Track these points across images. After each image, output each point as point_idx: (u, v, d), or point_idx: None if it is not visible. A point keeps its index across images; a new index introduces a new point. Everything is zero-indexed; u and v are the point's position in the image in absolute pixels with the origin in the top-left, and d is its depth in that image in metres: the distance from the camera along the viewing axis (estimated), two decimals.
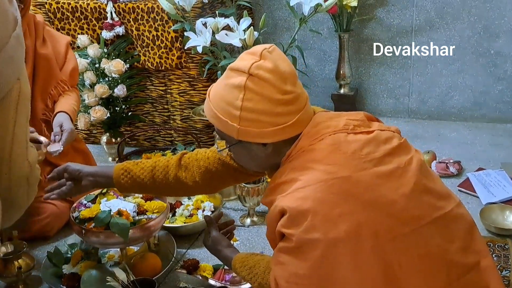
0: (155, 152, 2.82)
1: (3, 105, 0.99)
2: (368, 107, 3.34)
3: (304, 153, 1.29)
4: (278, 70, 1.27)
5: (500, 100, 3.12)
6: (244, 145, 1.34)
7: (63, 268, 1.97)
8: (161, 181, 1.63)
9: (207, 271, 1.92)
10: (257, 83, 1.26)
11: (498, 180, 2.45)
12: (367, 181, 1.22)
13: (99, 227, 1.81)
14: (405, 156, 1.31)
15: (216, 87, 1.35)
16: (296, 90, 1.30)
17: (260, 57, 1.28)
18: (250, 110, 1.27)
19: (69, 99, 2.28)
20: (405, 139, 1.37)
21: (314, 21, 3.15)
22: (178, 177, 1.62)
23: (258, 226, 2.26)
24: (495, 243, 2.05)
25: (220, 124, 1.33)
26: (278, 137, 1.30)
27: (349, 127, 1.31)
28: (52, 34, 2.34)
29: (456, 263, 1.27)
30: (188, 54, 2.77)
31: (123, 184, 1.65)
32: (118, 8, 2.80)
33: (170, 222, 2.20)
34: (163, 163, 1.64)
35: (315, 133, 1.30)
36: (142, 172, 1.63)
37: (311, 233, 1.19)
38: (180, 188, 1.65)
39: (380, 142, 1.30)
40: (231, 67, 1.31)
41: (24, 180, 1.09)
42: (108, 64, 2.76)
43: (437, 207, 1.28)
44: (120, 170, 1.65)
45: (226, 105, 1.29)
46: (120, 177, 1.64)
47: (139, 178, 1.63)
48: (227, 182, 1.70)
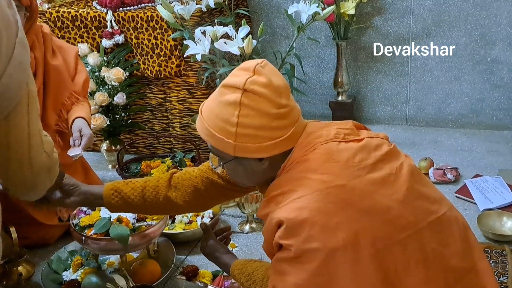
0: (154, 159, 2.83)
1: (17, 109, 1.06)
2: (366, 114, 3.36)
3: (298, 164, 1.29)
4: (273, 84, 1.27)
5: (497, 107, 3.14)
6: (240, 161, 1.33)
7: (64, 274, 1.98)
8: (151, 201, 1.61)
9: (206, 278, 1.93)
10: (253, 98, 1.26)
11: (495, 187, 2.46)
12: (362, 189, 1.23)
13: (99, 234, 1.82)
14: (395, 161, 1.32)
15: (209, 104, 1.33)
16: (290, 103, 1.30)
17: (253, 72, 1.27)
18: (246, 126, 1.26)
19: (84, 108, 2.28)
20: (394, 145, 1.38)
21: (312, 29, 3.17)
22: (169, 197, 1.61)
23: (257, 233, 2.27)
24: (492, 249, 2.06)
25: (215, 142, 1.31)
26: (275, 151, 1.29)
27: (340, 136, 1.32)
28: (61, 45, 2.33)
29: (453, 267, 1.28)
30: (187, 62, 2.79)
31: (114, 204, 1.62)
32: (117, 16, 2.83)
33: (169, 228, 2.21)
34: (153, 183, 1.62)
35: (307, 144, 1.31)
36: (133, 192, 1.61)
37: (310, 243, 1.19)
38: (171, 208, 1.64)
39: (371, 149, 1.31)
40: (224, 84, 1.30)
41: (45, 168, 1.20)
42: (108, 72, 2.78)
43: (431, 211, 1.29)
44: (111, 190, 1.62)
45: (221, 122, 1.28)
46: (110, 197, 1.61)
47: (129, 199, 1.61)
48: (217, 200, 1.68)
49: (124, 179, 2.70)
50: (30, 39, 2.06)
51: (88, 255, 2.01)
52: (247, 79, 1.26)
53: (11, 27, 1.04)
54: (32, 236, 2.18)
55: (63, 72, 2.25)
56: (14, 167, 1.15)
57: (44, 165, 1.21)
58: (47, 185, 1.28)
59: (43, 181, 1.24)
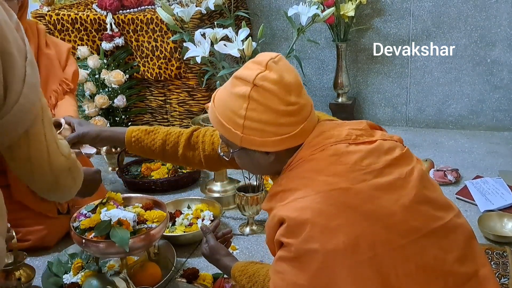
0: (154, 161, 2.84)
1: (34, 122, 1.19)
2: (366, 116, 3.35)
3: (304, 162, 1.29)
4: (283, 82, 1.27)
5: (497, 109, 3.14)
6: (246, 152, 1.34)
7: (64, 277, 1.97)
8: (169, 155, 1.71)
9: (207, 280, 1.92)
10: (262, 94, 1.26)
11: (496, 188, 2.46)
12: (366, 193, 1.22)
13: (100, 236, 1.82)
14: (406, 166, 1.30)
15: (221, 93, 1.36)
16: (300, 101, 1.30)
17: (265, 68, 1.28)
18: (253, 119, 1.27)
19: (70, 104, 2.34)
20: (407, 149, 1.37)
21: (312, 31, 3.18)
22: (186, 155, 1.68)
23: (258, 235, 2.27)
24: (493, 251, 2.05)
25: (224, 130, 1.33)
26: (280, 147, 1.30)
27: (351, 137, 1.31)
28: (54, 40, 2.44)
29: (454, 273, 1.26)
30: (187, 65, 2.79)
31: (133, 150, 1.74)
32: (117, 19, 2.83)
33: (169, 231, 2.21)
34: (173, 139, 1.69)
35: (317, 143, 1.30)
36: (153, 144, 1.70)
37: (309, 243, 1.19)
38: (186, 163, 1.75)
39: (381, 153, 1.30)
40: (236, 76, 1.31)
41: (65, 169, 1.32)
42: (108, 74, 2.78)
43: (436, 217, 1.27)
44: (132, 138, 1.71)
45: (230, 112, 1.30)
46: (131, 145, 1.72)
47: (150, 150, 1.70)
48: (229, 166, 1.71)
49: (124, 181, 2.72)
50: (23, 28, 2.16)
51: (89, 258, 2.01)
52: (258, 74, 1.27)
53: (21, 50, 1.13)
54: (32, 238, 2.19)
55: (54, 60, 2.34)
56: (38, 174, 1.27)
57: (63, 167, 1.31)
58: (70, 184, 1.39)
59: (65, 181, 1.35)
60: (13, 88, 1.10)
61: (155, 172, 2.74)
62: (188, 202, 2.42)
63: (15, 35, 1.13)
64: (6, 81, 1.09)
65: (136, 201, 2.04)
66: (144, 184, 2.68)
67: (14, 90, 1.10)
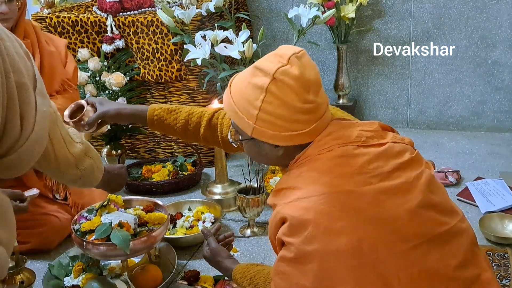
0: (155, 164, 2.84)
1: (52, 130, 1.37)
2: (367, 117, 3.35)
3: (310, 161, 1.28)
4: (303, 78, 1.25)
5: (498, 110, 3.14)
6: (256, 143, 1.33)
7: (65, 280, 1.97)
8: (190, 135, 1.74)
9: (208, 283, 1.92)
10: (280, 88, 1.24)
11: (497, 189, 2.46)
12: (370, 196, 1.21)
13: (100, 239, 1.82)
14: (415, 170, 1.29)
15: (239, 81, 1.34)
16: (317, 99, 1.28)
17: (287, 62, 1.26)
18: (268, 112, 1.26)
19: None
20: (417, 152, 1.35)
21: (312, 33, 3.18)
22: (206, 136, 1.72)
23: (259, 237, 2.27)
24: (494, 252, 2.05)
25: (237, 118, 1.32)
26: (291, 142, 1.29)
27: (361, 139, 1.30)
28: (50, 37, 2.47)
29: (457, 278, 1.24)
30: (188, 67, 2.79)
31: (155, 128, 1.77)
32: (118, 21, 2.83)
33: (170, 233, 2.21)
34: (196, 118, 1.71)
35: (325, 143, 1.29)
36: (175, 123, 1.72)
37: (311, 243, 1.19)
38: (206, 142, 1.77)
39: (390, 156, 1.29)
40: (256, 66, 1.29)
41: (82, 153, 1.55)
42: (108, 77, 2.78)
43: (440, 222, 1.26)
44: (154, 116, 1.73)
45: (245, 102, 1.29)
46: (153, 123, 1.74)
47: (172, 129, 1.74)
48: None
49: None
50: (22, 27, 2.24)
51: (90, 260, 2.00)
52: (279, 68, 1.25)
53: (31, 79, 1.20)
54: (32, 241, 2.19)
55: (56, 57, 2.37)
56: (63, 167, 1.50)
57: (81, 151, 1.54)
58: (92, 164, 1.61)
59: (85, 163, 1.58)
60: (28, 119, 1.18)
61: (156, 174, 2.74)
62: (189, 204, 2.42)
63: (27, 65, 1.19)
64: (22, 112, 1.16)
65: (137, 203, 2.04)
66: (145, 186, 2.68)
67: (29, 121, 1.18)
